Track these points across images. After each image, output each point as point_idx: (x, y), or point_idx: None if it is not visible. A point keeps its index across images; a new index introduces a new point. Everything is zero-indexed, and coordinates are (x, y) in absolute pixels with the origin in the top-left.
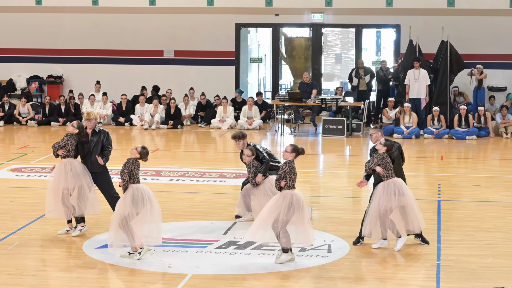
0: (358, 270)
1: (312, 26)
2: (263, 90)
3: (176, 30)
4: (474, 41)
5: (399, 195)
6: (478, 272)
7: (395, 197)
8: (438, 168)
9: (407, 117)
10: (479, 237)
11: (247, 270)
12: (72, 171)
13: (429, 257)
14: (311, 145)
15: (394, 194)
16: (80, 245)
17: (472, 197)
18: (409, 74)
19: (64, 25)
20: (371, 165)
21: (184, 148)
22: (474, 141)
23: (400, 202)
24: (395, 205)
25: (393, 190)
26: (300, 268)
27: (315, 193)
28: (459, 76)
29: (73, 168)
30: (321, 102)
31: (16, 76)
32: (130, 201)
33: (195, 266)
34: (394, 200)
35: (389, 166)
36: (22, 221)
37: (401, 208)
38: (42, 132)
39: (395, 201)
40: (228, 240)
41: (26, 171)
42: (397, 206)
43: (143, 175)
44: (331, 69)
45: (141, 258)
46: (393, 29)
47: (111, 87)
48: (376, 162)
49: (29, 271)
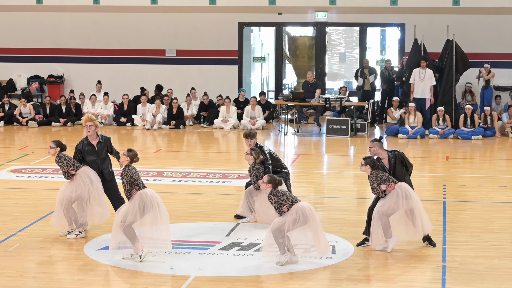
0: (362, 271)
1: (316, 25)
2: (266, 90)
3: (178, 29)
4: (480, 40)
5: (407, 199)
6: (484, 274)
7: (403, 201)
8: (444, 169)
9: (412, 117)
10: (485, 238)
11: (250, 272)
12: (89, 179)
13: (434, 259)
14: (315, 145)
15: (402, 197)
16: (81, 247)
17: (478, 197)
18: (415, 73)
19: (65, 24)
20: (376, 191)
21: (187, 149)
22: (480, 141)
23: (408, 205)
24: (404, 208)
25: (401, 194)
26: (304, 269)
27: (319, 194)
28: (466, 75)
29: (89, 176)
30: (325, 102)
31: (17, 76)
32: (138, 208)
33: (197, 267)
34: (402, 204)
35: (386, 177)
36: (23, 223)
37: (410, 211)
38: (42, 133)
39: (404, 205)
40: (231, 241)
41: (27, 172)
42: (406, 210)
43: (145, 176)
44: (335, 68)
45: (142, 260)
46: (397, 28)
47: (112, 87)
48: (374, 185)
49: (30, 273)
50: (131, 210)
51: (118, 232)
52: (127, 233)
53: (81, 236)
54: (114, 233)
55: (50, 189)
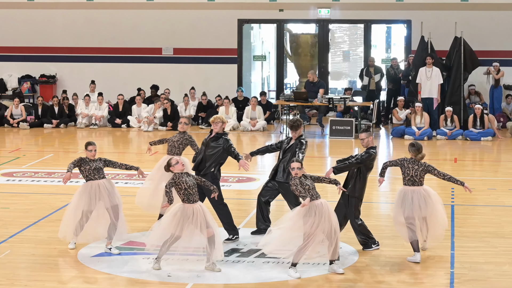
0: (367, 278)
1: (319, 22)
2: (267, 90)
3: (175, 27)
4: (489, 37)
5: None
6: (494, 280)
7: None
8: (452, 171)
9: (418, 118)
10: (495, 244)
11: (251, 280)
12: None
13: (443, 265)
14: (318, 147)
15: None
16: (74, 254)
17: (488, 201)
18: (421, 72)
19: (57, 21)
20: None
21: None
22: (489, 143)
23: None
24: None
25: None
26: (308, 277)
27: (323, 198)
28: (474, 74)
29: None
30: (328, 102)
31: (7, 75)
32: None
33: (195, 275)
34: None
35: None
36: (14, 229)
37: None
38: (34, 135)
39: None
40: (231, 247)
41: (18, 175)
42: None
43: (142, 180)
44: (339, 67)
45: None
46: (403, 25)
47: (107, 87)
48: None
49: (21, 281)
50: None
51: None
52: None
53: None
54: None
55: (42, 194)
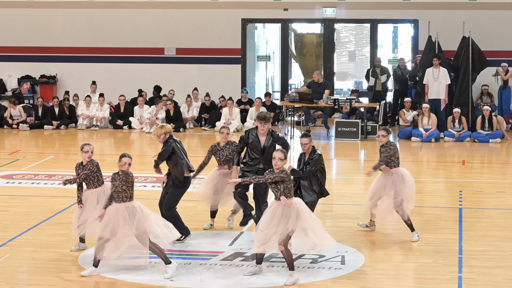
0: (373, 283)
1: (324, 21)
2: (271, 91)
3: (178, 26)
4: (498, 37)
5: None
6: (503, 285)
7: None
8: (460, 174)
9: (425, 119)
10: (504, 248)
11: (255, 284)
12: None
13: (450, 269)
14: (323, 149)
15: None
16: (75, 257)
17: (496, 204)
18: (428, 72)
19: (57, 21)
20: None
21: (187, 153)
22: (498, 144)
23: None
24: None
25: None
26: (312, 281)
27: (328, 201)
28: (483, 75)
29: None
30: (333, 103)
31: (7, 76)
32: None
33: (198, 279)
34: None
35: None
36: (13, 232)
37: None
38: (34, 136)
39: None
40: (235, 251)
41: (18, 178)
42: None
43: (143, 182)
44: (344, 67)
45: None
46: (410, 25)
47: (108, 88)
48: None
49: (21, 285)
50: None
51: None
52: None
53: (78, 247)
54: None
55: (42, 196)
